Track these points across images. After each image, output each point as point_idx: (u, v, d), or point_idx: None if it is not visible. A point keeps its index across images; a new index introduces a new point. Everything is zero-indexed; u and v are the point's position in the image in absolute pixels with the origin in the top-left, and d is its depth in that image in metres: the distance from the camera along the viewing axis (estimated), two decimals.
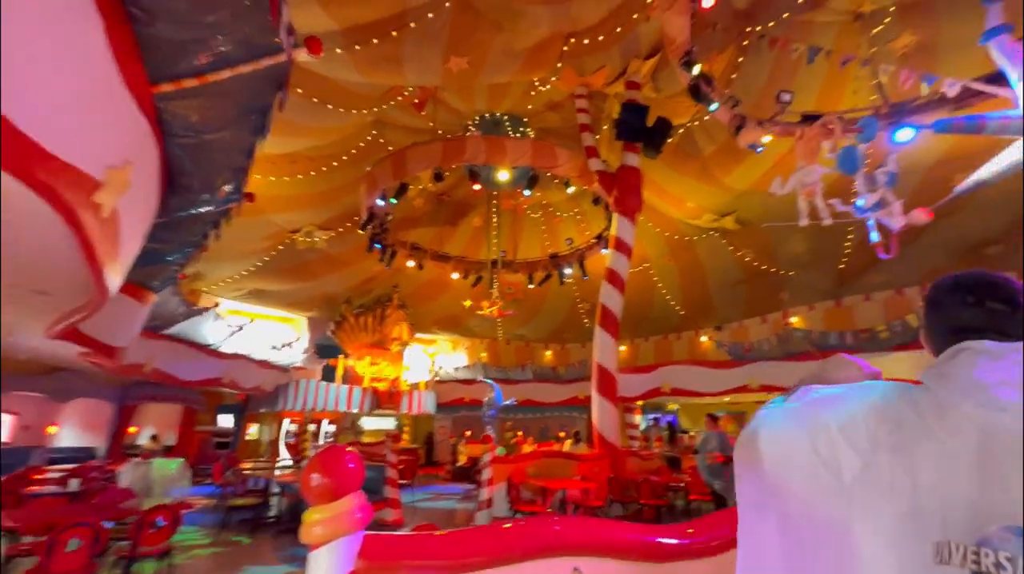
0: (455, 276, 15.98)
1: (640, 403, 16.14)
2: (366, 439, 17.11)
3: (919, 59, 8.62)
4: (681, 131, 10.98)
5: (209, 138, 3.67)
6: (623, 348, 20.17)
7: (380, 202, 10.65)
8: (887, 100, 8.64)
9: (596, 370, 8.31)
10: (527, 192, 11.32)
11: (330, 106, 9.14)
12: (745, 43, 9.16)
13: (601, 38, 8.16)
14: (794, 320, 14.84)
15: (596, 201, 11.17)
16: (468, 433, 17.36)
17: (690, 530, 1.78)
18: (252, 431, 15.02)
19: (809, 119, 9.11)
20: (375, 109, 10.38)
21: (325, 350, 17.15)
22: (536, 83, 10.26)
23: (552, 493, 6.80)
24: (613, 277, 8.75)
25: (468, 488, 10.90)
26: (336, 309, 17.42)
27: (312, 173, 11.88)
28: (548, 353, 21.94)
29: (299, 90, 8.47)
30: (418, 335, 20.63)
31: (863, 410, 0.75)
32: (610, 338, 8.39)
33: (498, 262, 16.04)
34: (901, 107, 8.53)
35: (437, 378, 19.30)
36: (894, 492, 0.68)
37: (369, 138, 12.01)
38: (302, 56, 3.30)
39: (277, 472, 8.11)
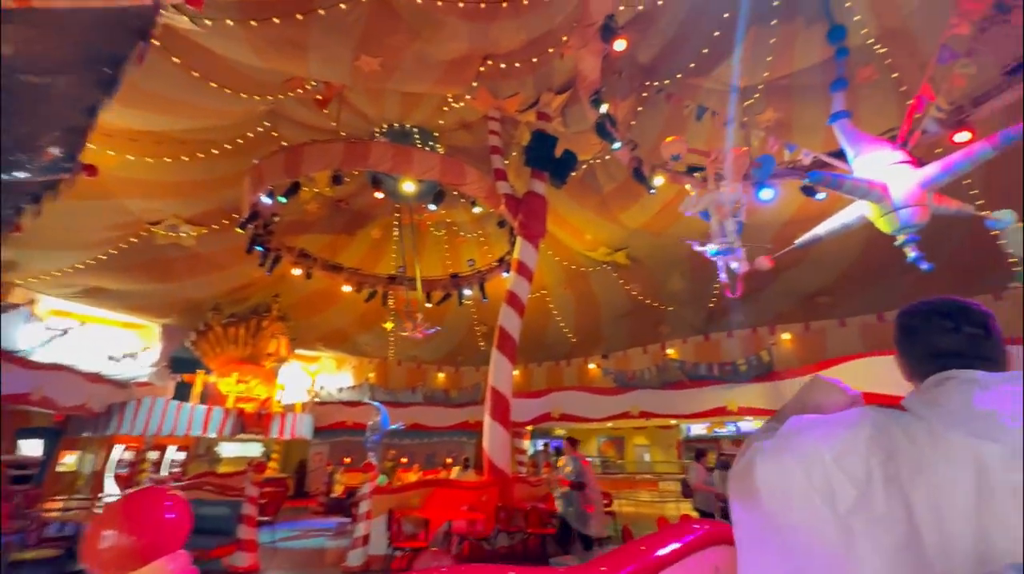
0: (347, 289, 14.91)
1: (530, 428, 16.25)
2: (223, 469, 14.87)
3: (779, 132, 10.11)
4: (584, 166, 11.58)
5: (31, 80, 2.87)
6: (516, 372, 20.36)
7: (266, 200, 9.57)
8: (718, 186, 9.99)
9: (490, 393, 8.12)
10: (432, 207, 11.01)
11: (214, 84, 8.07)
12: (645, 95, 10.02)
13: (518, 65, 8.33)
14: (670, 351, 16.22)
15: (501, 224, 11.23)
16: (348, 460, 15.98)
17: (603, 568, 1.61)
18: (68, 461, 12.19)
19: (694, 171, 10.17)
20: (270, 98, 9.42)
21: (180, 364, 14.78)
22: (450, 99, 10.15)
23: (436, 525, 6.36)
24: (513, 300, 8.74)
25: (343, 522, 9.88)
26: (200, 317, 15.20)
27: (184, 158, 10.36)
28: (441, 375, 21.36)
29: (175, 59, 7.35)
30: (299, 351, 18.82)
31: (856, 439, 0.74)
32: (507, 361, 8.30)
33: (397, 277, 15.37)
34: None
35: (317, 399, 17.64)
36: (890, 522, 0.68)
37: (260, 129, 10.87)
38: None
39: (99, 511, 6.54)
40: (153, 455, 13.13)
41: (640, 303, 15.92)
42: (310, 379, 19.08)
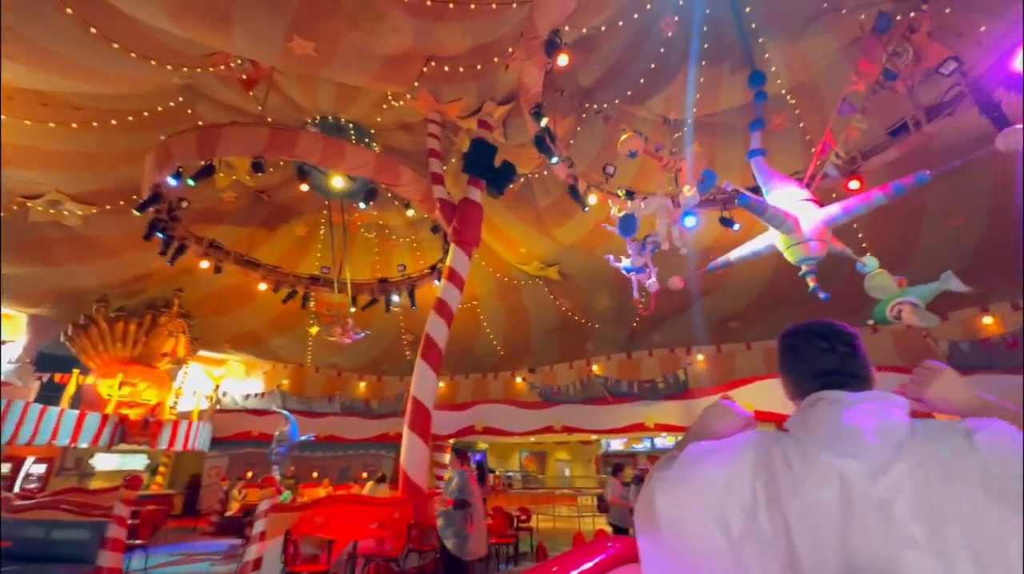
0: (263, 287, 13.82)
1: (452, 441, 15.84)
2: (96, 484, 12.99)
3: (703, 164, 10.82)
4: (522, 179, 11.66)
5: None
6: (442, 384, 19.89)
7: (172, 181, 8.61)
8: (680, 190, 10.58)
9: (411, 404, 7.75)
10: (363, 206, 10.51)
11: (117, 46, 7.17)
12: (584, 115, 10.31)
13: (461, 70, 8.22)
14: (595, 368, 16.63)
15: (435, 230, 10.96)
16: (250, 474, 14.62)
17: None
18: None
19: (629, 194, 10.57)
20: (186, 70, 8.55)
21: (50, 361, 12.82)
22: (390, 97, 9.81)
23: (341, 546, 5.86)
24: (442, 308, 8.48)
25: (235, 544, 8.91)
26: (81, 309, 13.33)
27: (74, 125, 9.10)
28: (362, 384, 20.37)
29: (68, 10, 6.44)
30: (202, 353, 17.10)
31: (742, 463, 0.77)
32: (431, 371, 7.98)
33: (321, 278, 14.51)
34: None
35: (218, 406, 16.06)
36: (775, 545, 0.70)
37: (172, 104, 9.83)
38: None
39: None
40: (3, 468, 11.16)
41: (569, 319, 16.22)
42: (213, 384, 17.36)
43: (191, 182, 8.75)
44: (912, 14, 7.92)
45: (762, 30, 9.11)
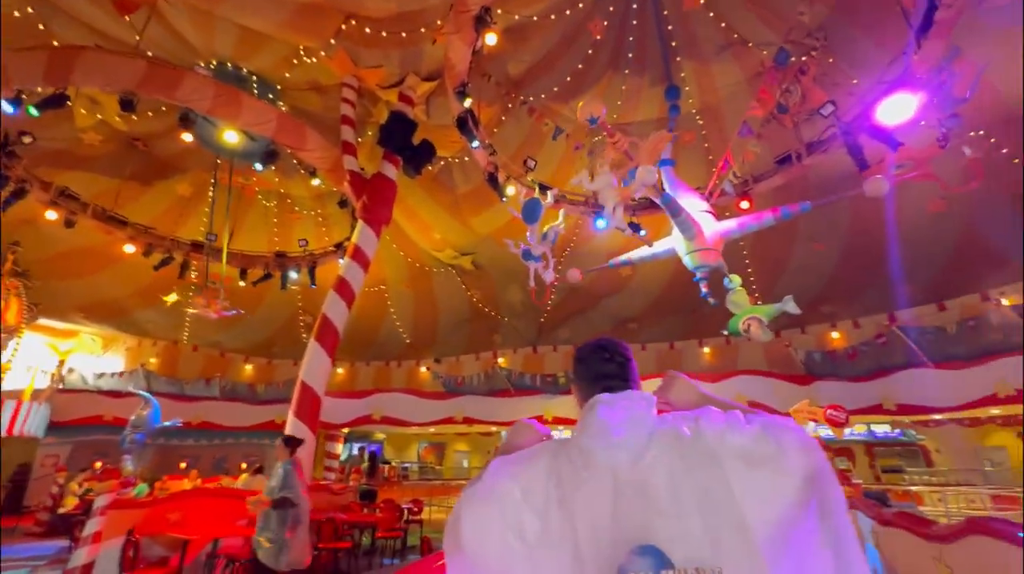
0: (130, 249, 11.96)
1: (346, 430, 15.02)
2: None
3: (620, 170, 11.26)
4: (442, 163, 11.29)
5: None
6: (340, 370, 18.79)
7: (8, 107, 7.01)
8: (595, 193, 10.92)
9: (299, 389, 7.10)
10: (259, 167, 9.46)
11: None
12: (510, 105, 10.21)
13: (384, 35, 7.67)
14: (501, 360, 16.73)
15: (343, 204, 10.20)
16: (98, 465, 12.61)
17: None
18: None
19: (544, 188, 10.66)
20: None
21: None
22: (302, 52, 8.90)
23: (199, 546, 5.15)
24: (343, 288, 7.88)
25: (66, 547, 7.57)
26: None
27: None
28: (248, 367, 18.56)
29: None
30: (43, 322, 14.41)
31: (537, 470, 0.82)
32: (325, 355, 7.37)
33: (205, 246, 12.89)
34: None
35: (61, 385, 13.66)
36: (563, 543, 0.76)
37: (19, 14, 8.03)
38: None
39: None
40: None
41: (479, 310, 16.13)
42: (57, 359, 14.71)
43: (34, 111, 7.18)
44: (804, 58, 8.87)
45: (681, 49, 9.65)
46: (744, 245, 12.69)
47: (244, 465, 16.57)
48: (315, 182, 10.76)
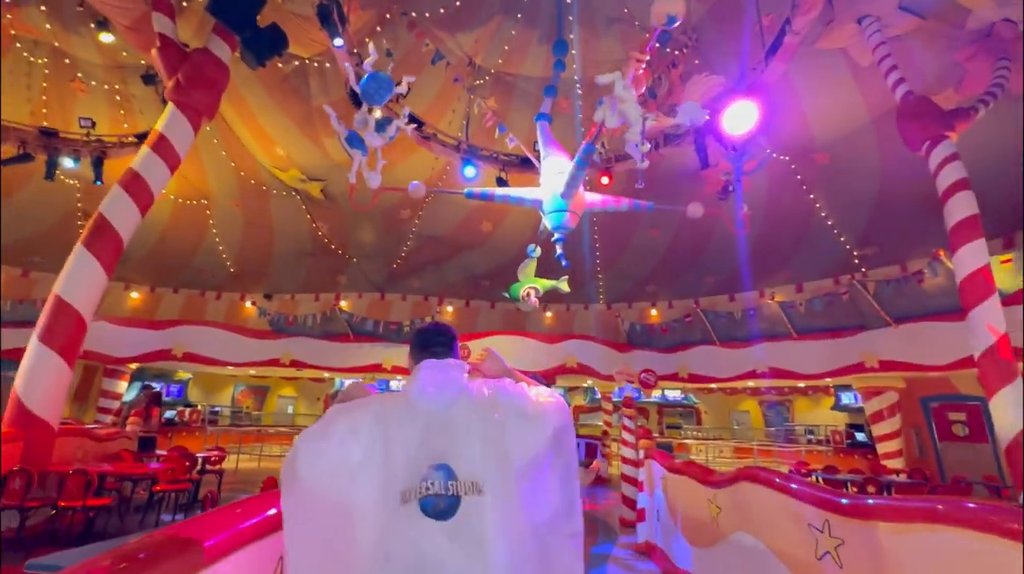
0: None
1: (132, 366, 12.45)
2: None
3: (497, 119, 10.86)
4: (296, 63, 9.51)
5: None
6: (135, 295, 15.41)
7: None
8: (467, 137, 10.39)
9: (52, 305, 5.35)
10: None
11: None
12: (388, 16, 8.93)
13: None
14: (343, 304, 15.50)
15: (150, 80, 7.90)
16: None
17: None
18: None
19: (416, 122, 9.74)
20: None
21: None
22: None
23: None
24: (136, 186, 6.09)
25: None
26: None
27: None
28: None
29: None
30: None
31: (367, 414, 1.13)
32: (98, 267, 5.65)
33: None
34: (473, 149, 10.44)
35: None
36: (381, 465, 1.06)
37: None
38: None
39: None
40: None
41: (324, 245, 14.55)
42: None
43: None
44: (676, 52, 9.45)
45: (575, 11, 9.47)
46: (595, 221, 13.55)
47: None
48: (105, 38, 8.11)
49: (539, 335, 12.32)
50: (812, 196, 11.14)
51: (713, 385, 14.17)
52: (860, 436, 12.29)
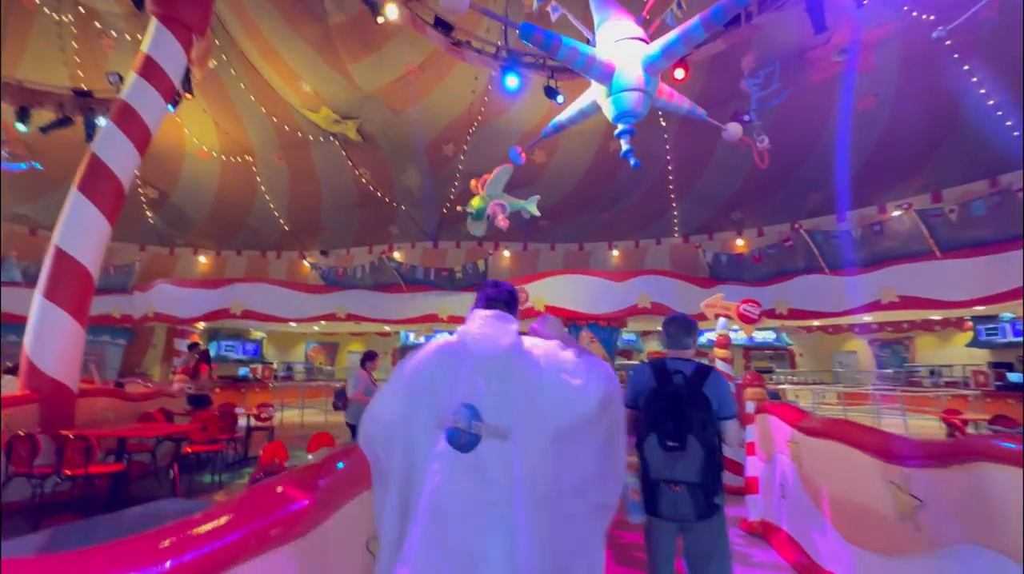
0: None
1: (201, 326, 12.71)
2: None
3: None
4: None
5: None
6: (203, 259, 15.80)
7: None
8: (507, 42, 8.75)
9: (53, 259, 4.86)
10: None
11: None
12: None
13: None
14: (397, 255, 14.87)
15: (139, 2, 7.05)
16: None
17: None
18: None
19: (444, 26, 8.24)
20: None
21: None
22: None
23: None
24: (128, 119, 5.34)
25: None
26: None
27: None
28: None
29: None
30: None
31: (428, 357, 1.27)
32: (96, 212, 5.06)
33: None
34: (515, 55, 8.80)
35: None
36: (429, 397, 1.20)
37: None
38: None
39: None
40: None
41: (370, 194, 13.79)
42: None
43: None
44: None
45: None
46: (667, 132, 11.49)
47: (94, 366, 13.89)
48: None
49: (605, 273, 10.86)
50: (967, 68, 8.37)
51: (816, 322, 12.08)
52: (1015, 376, 9.87)
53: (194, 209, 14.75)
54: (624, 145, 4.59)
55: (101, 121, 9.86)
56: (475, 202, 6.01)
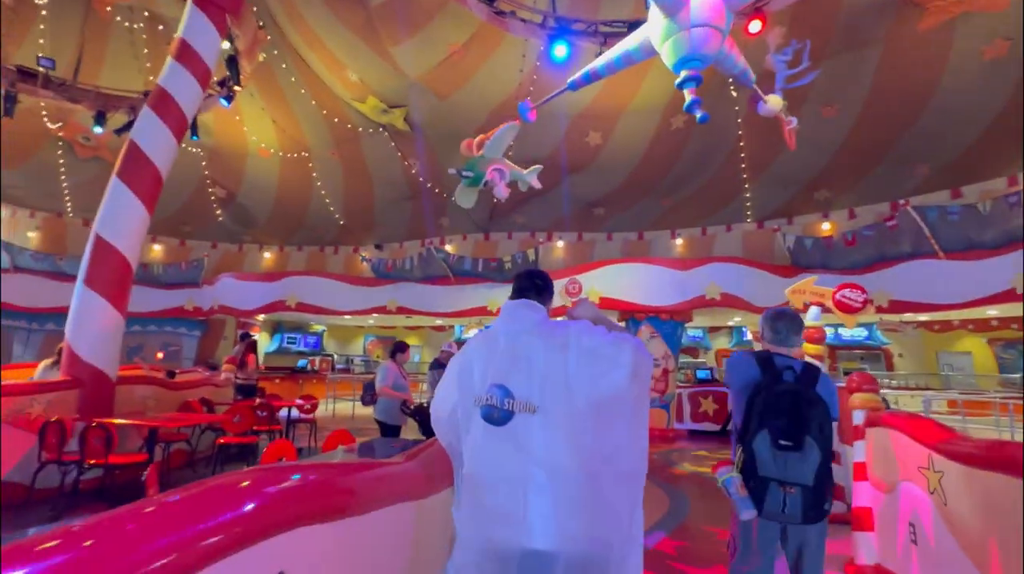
0: None
1: (261, 318, 13.12)
2: None
3: None
4: None
5: None
6: (268, 255, 16.45)
7: None
8: (555, 7, 8.05)
9: (93, 246, 4.87)
10: None
11: None
12: None
13: None
14: (449, 247, 14.62)
15: None
16: None
17: None
18: None
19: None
20: None
21: None
22: None
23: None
24: (164, 104, 5.28)
25: None
26: None
27: None
28: (157, 248, 15.99)
29: None
30: None
31: (472, 343, 1.47)
32: (133, 198, 5.01)
33: (39, 75, 9.70)
34: (564, 22, 8.08)
35: None
36: (469, 380, 1.37)
37: None
38: None
39: None
40: None
41: (421, 186, 13.60)
42: None
43: None
44: None
45: None
46: (738, 104, 10.24)
47: (160, 354, 14.82)
48: None
49: (667, 260, 9.85)
50: None
51: (923, 315, 10.35)
52: None
53: (258, 207, 15.34)
54: (688, 96, 3.79)
55: None
56: (473, 166, 5.14)
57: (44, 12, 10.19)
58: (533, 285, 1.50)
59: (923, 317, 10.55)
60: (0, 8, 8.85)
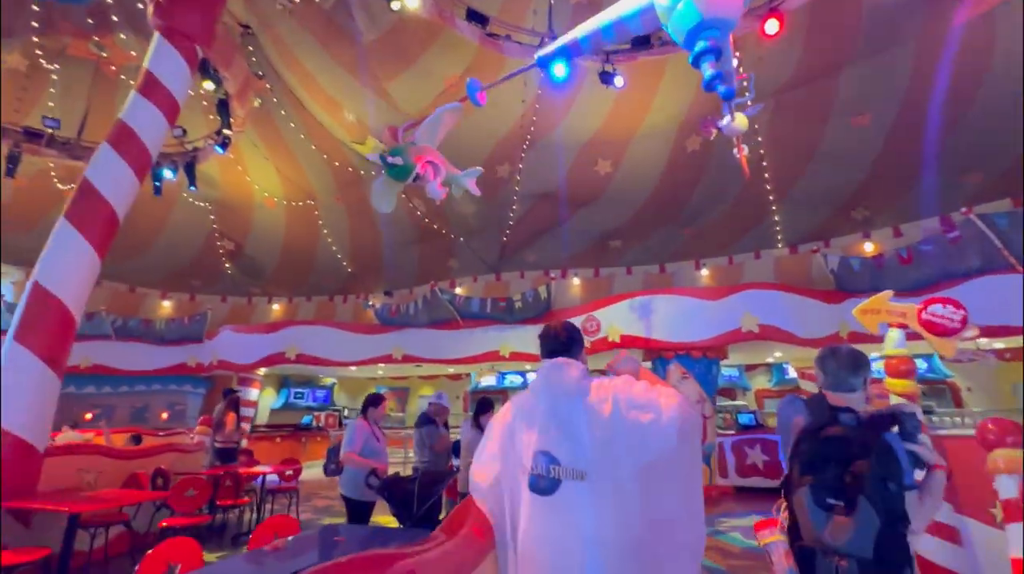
0: None
1: (262, 371, 12.45)
2: None
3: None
4: None
5: None
6: (276, 307, 16.06)
7: None
8: (551, 26, 7.63)
9: (30, 295, 4.27)
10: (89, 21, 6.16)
11: None
12: None
13: None
14: (459, 290, 13.93)
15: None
16: None
17: None
18: None
19: (479, 19, 7.35)
20: None
21: None
22: None
23: None
24: (124, 139, 4.84)
25: None
26: None
27: None
28: (166, 304, 15.75)
29: None
30: None
31: (511, 404, 1.55)
32: (82, 241, 4.46)
33: (44, 135, 9.73)
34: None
35: None
36: (510, 451, 1.42)
37: None
38: None
39: None
40: None
41: (427, 228, 13.13)
42: None
43: None
44: None
45: None
46: (757, 122, 9.52)
47: (165, 415, 14.17)
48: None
49: (695, 290, 8.86)
50: None
51: (999, 342, 8.97)
52: None
53: (265, 258, 15.10)
54: (708, 71, 3.04)
55: (167, 174, 10.18)
56: (400, 153, 4.01)
57: (55, 76, 10.42)
58: (559, 344, 1.52)
59: (999, 344, 9.15)
60: (0, 71, 9.00)
